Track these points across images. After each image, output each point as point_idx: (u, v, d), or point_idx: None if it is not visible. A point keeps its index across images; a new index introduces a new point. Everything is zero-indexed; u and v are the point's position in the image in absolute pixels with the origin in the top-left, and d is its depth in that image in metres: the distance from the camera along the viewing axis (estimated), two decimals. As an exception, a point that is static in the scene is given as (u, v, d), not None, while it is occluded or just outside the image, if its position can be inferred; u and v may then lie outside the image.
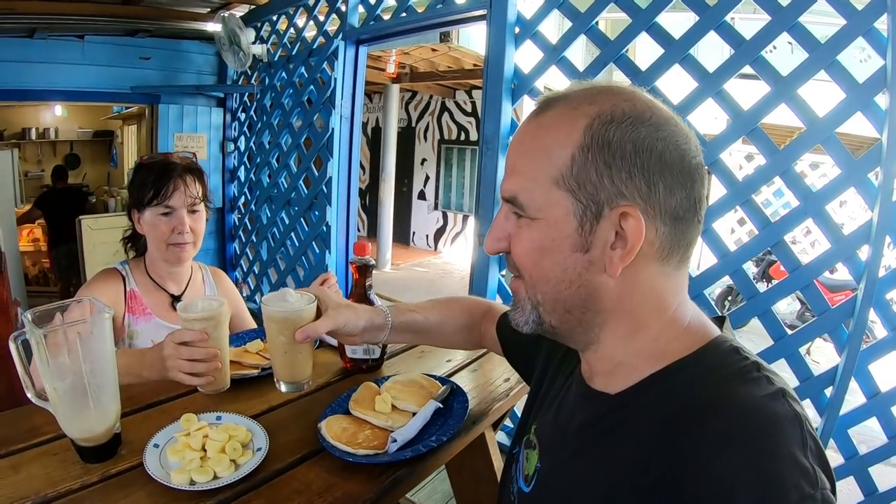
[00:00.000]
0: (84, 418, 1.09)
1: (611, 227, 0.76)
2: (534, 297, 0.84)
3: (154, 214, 1.82)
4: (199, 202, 1.89)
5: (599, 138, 0.75)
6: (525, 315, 0.86)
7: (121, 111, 9.92)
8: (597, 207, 0.76)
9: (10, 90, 4.78)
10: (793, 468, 0.61)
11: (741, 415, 0.66)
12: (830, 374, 2.29)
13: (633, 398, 0.80)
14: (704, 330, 0.82)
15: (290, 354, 1.24)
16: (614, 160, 0.74)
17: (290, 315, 1.20)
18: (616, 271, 0.77)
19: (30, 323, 1.03)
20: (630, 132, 0.74)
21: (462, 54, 8.07)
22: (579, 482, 0.81)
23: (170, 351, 1.39)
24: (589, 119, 0.76)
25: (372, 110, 13.46)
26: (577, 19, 2.81)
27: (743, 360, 0.75)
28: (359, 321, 1.24)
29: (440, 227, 13.32)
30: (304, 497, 1.05)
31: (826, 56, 2.14)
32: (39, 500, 1.00)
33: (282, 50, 4.88)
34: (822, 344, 6.07)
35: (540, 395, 1.07)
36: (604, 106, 0.76)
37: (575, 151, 0.76)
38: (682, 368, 0.77)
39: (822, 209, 2.24)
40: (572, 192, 0.76)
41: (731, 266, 2.47)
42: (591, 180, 0.75)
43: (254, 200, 5.34)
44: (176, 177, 1.83)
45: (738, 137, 2.42)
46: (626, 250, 0.76)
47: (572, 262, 0.79)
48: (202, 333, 1.37)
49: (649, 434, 0.73)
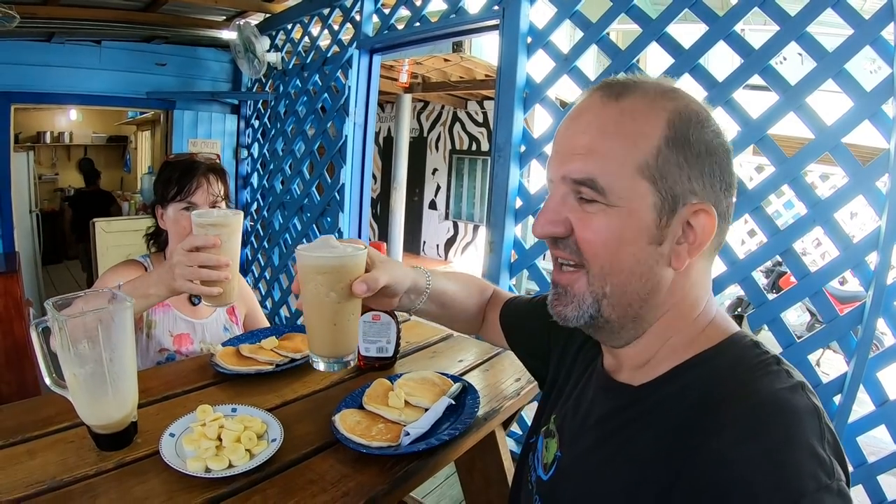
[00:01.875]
0: (102, 405, 1.11)
1: (680, 221, 0.78)
2: (601, 288, 0.82)
3: (177, 210, 1.85)
4: (221, 200, 1.93)
5: (681, 134, 0.76)
6: (580, 309, 0.84)
7: (135, 116, 10.03)
8: (674, 201, 0.77)
9: (28, 93, 4.86)
10: (811, 459, 0.61)
11: (761, 406, 0.67)
12: (839, 382, 2.28)
13: (655, 390, 0.81)
14: (727, 325, 0.83)
15: (337, 317, 1.06)
16: (691, 158, 0.76)
17: (342, 263, 1.03)
18: (682, 265, 0.79)
19: (52, 309, 1.04)
20: (702, 133, 0.77)
21: (474, 64, 8.07)
22: (600, 472, 0.82)
23: (180, 258, 1.39)
24: (669, 114, 0.77)
25: (384, 120, 13.49)
26: (589, 29, 2.83)
27: (763, 353, 0.76)
28: (405, 279, 1.16)
29: (451, 236, 13.31)
30: (317, 486, 1.07)
31: (834, 65, 2.15)
32: (55, 484, 1.02)
33: (296, 58, 4.92)
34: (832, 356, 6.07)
35: (558, 385, 1.07)
36: (679, 104, 0.78)
37: (661, 143, 0.76)
38: (704, 362, 0.78)
39: (831, 217, 2.24)
40: (654, 184, 0.77)
41: (741, 274, 2.47)
42: (672, 174, 0.76)
43: (266, 206, 5.37)
44: (199, 175, 1.87)
45: (748, 146, 2.43)
46: (694, 245, 0.78)
47: (646, 254, 0.79)
48: (216, 239, 1.39)
49: (670, 425, 0.74)
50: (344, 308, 1.05)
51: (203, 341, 1.96)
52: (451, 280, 1.32)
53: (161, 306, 1.88)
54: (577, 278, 0.84)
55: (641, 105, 0.78)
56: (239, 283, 1.81)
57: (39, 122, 10.79)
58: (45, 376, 1.13)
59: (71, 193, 10.48)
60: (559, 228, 0.83)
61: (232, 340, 1.80)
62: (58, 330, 1.04)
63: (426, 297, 1.23)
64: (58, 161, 11.31)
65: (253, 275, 5.63)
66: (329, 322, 1.06)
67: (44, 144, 10.87)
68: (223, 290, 1.48)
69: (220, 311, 2.04)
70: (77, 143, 11.41)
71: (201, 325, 1.98)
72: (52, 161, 11.20)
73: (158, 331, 1.88)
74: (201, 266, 1.43)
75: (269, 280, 5.35)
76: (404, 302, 1.21)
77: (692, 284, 0.82)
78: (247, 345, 1.70)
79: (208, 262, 1.42)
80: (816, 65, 2.19)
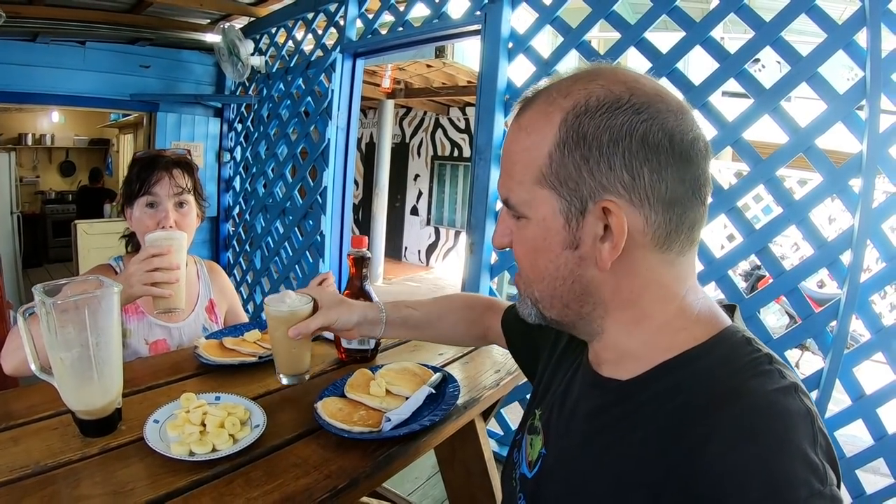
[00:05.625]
0: (87, 391, 1.13)
1: (597, 221, 0.74)
2: (531, 294, 0.86)
3: (140, 208, 1.81)
4: (187, 193, 1.87)
5: (574, 132, 0.73)
6: (527, 308, 0.88)
7: (118, 119, 9.98)
8: (581, 203, 0.75)
9: (11, 92, 4.83)
10: (803, 464, 0.60)
11: (752, 408, 0.65)
12: (815, 378, 2.34)
13: (643, 388, 0.78)
14: (715, 319, 0.80)
15: (288, 349, 1.34)
16: (591, 152, 0.73)
17: (288, 314, 1.30)
18: (605, 265, 0.76)
19: (41, 293, 1.06)
20: (605, 120, 0.72)
21: (456, 70, 8.11)
22: (586, 471, 0.81)
23: (136, 266, 1.53)
24: (564, 113, 0.75)
25: (366, 125, 13.44)
26: (569, 35, 2.89)
27: (755, 351, 0.73)
28: (352, 316, 1.31)
29: (432, 242, 13.29)
30: (300, 470, 1.09)
31: (808, 69, 2.22)
32: (39, 469, 1.03)
33: (280, 62, 4.95)
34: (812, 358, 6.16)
35: (544, 382, 1.07)
36: (577, 97, 0.74)
37: (552, 148, 0.75)
38: (694, 359, 0.75)
39: (806, 216, 2.30)
40: (555, 190, 0.76)
41: (717, 272, 2.53)
42: (572, 176, 0.74)
43: (248, 210, 5.39)
44: (161, 168, 1.81)
45: (724, 148, 2.50)
46: (612, 243, 0.74)
47: (563, 259, 0.78)
48: (168, 247, 1.59)
49: (658, 426, 0.72)
50: (296, 342, 1.31)
51: (181, 346, 1.90)
52: (420, 305, 1.44)
53: (136, 314, 1.84)
54: (519, 281, 0.90)
55: (535, 115, 0.79)
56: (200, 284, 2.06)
57: (21, 124, 10.74)
58: (31, 362, 1.14)
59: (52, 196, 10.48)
60: (505, 240, 0.87)
61: (215, 334, 1.80)
62: (45, 314, 1.05)
63: (383, 327, 1.36)
64: (39, 163, 11.24)
65: (235, 278, 5.62)
66: (287, 351, 1.36)
67: (25, 146, 10.80)
68: (174, 293, 1.61)
69: (198, 311, 1.99)
70: (59, 145, 11.35)
71: (178, 329, 1.92)
72: (34, 163, 11.12)
73: (134, 339, 1.83)
74: (155, 270, 1.56)
75: (250, 283, 5.37)
76: (363, 332, 1.36)
77: (645, 279, 0.78)
78: (230, 337, 1.72)
79: (161, 265, 1.56)
80: (791, 68, 2.26)
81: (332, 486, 1.04)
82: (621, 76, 0.76)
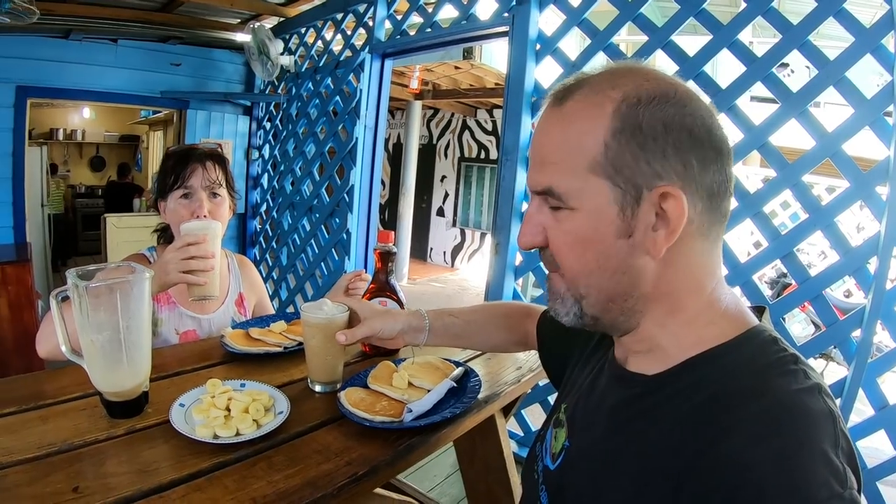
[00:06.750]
0: (116, 373, 1.16)
1: (651, 208, 0.75)
2: (576, 291, 0.83)
3: (175, 199, 1.85)
4: (220, 187, 1.91)
5: (630, 121, 0.74)
6: (566, 307, 0.85)
7: (148, 116, 10.11)
8: (636, 191, 0.75)
9: (45, 88, 4.92)
10: (824, 466, 0.59)
11: (774, 407, 0.65)
12: (838, 386, 2.29)
13: (668, 382, 0.78)
14: (743, 317, 0.80)
15: (323, 357, 1.38)
16: (647, 141, 0.74)
17: (325, 322, 1.34)
18: (660, 252, 0.76)
19: (75, 277, 1.09)
20: (658, 111, 0.74)
21: (484, 72, 8.11)
22: (608, 462, 0.80)
23: (172, 254, 1.57)
24: (615, 103, 0.75)
25: (394, 126, 13.49)
26: (596, 37, 2.89)
27: (781, 350, 0.73)
28: (396, 324, 1.33)
29: (458, 243, 13.28)
30: (322, 456, 1.10)
31: (835, 73, 2.19)
32: (66, 447, 1.06)
33: (309, 61, 5.01)
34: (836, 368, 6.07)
35: (572, 378, 1.07)
36: (627, 88, 0.76)
37: (607, 137, 0.75)
38: (720, 356, 0.75)
39: (832, 221, 2.27)
40: (610, 178, 0.75)
41: (742, 277, 2.50)
42: (628, 164, 0.74)
43: (276, 207, 5.44)
44: (195, 160, 1.86)
45: (750, 151, 2.48)
46: (668, 230, 0.75)
47: (616, 248, 0.77)
48: (204, 236, 1.62)
49: (682, 419, 0.72)
50: (331, 350, 1.36)
51: (210, 336, 1.93)
52: (461, 313, 1.44)
53: (167, 304, 1.88)
54: (558, 280, 0.86)
55: (583, 103, 0.78)
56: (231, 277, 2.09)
57: (52, 119, 10.91)
58: (62, 344, 1.18)
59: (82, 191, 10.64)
60: (538, 238, 0.85)
61: (242, 324, 1.83)
62: (78, 297, 1.09)
63: (427, 334, 1.38)
64: (69, 158, 11.42)
65: (261, 274, 5.60)
66: (322, 359, 1.38)
67: (56, 141, 10.97)
68: (208, 280, 1.64)
69: (228, 304, 2.03)
70: (89, 140, 11.53)
71: (207, 319, 1.96)
72: (64, 158, 11.30)
73: (164, 329, 1.87)
74: (191, 258, 1.59)
75: (276, 280, 5.42)
76: (408, 340, 1.37)
77: (684, 269, 0.79)
78: (256, 328, 1.74)
79: (197, 253, 1.59)
80: (818, 73, 2.23)
81: (353, 473, 1.06)
82: (660, 74, 0.79)
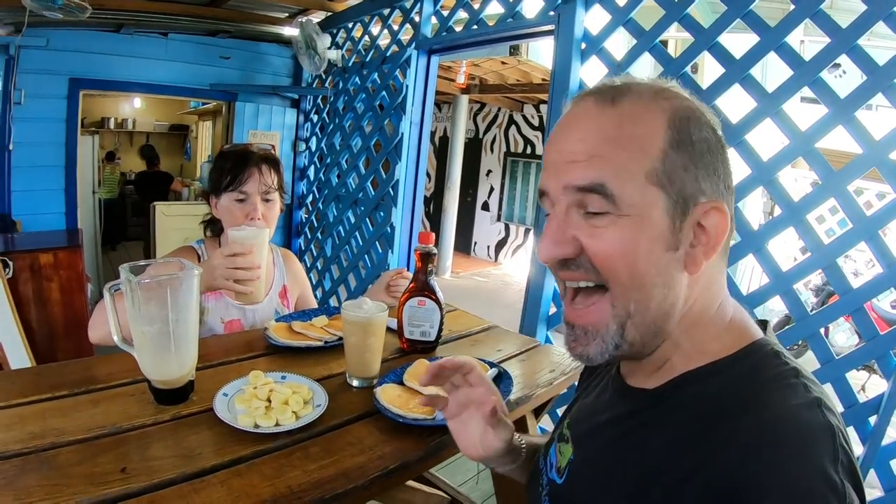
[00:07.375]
0: (165, 363, 1.22)
1: (692, 224, 0.74)
2: (625, 308, 0.76)
3: (230, 200, 1.91)
4: (273, 191, 1.97)
5: (684, 135, 0.74)
6: (604, 343, 0.78)
7: (197, 107, 10.31)
8: (684, 204, 0.74)
9: (97, 80, 5.08)
10: (821, 482, 0.58)
11: (772, 422, 0.64)
12: (875, 402, 2.23)
13: (669, 394, 0.78)
14: (747, 331, 0.79)
15: (361, 353, 1.44)
16: (695, 157, 0.74)
17: (365, 320, 1.41)
18: (699, 268, 0.75)
19: (127, 272, 1.17)
20: (700, 130, 0.75)
21: (531, 68, 8.07)
22: (609, 472, 0.80)
23: (220, 260, 1.64)
24: (669, 114, 0.74)
25: (440, 120, 13.47)
26: (642, 37, 2.85)
27: (782, 364, 0.72)
28: None
29: (502, 238, 13.22)
30: (356, 448, 1.15)
31: (884, 79, 2.12)
32: (115, 430, 1.13)
33: (356, 56, 5.04)
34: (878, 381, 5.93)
35: (577, 397, 1.08)
36: (675, 102, 0.75)
37: (665, 146, 0.73)
38: (721, 369, 0.75)
39: (876, 232, 2.19)
40: (663, 188, 0.73)
41: (783, 286, 2.45)
42: (680, 176, 0.73)
43: (321, 199, 5.52)
44: (252, 165, 1.91)
45: (795, 158, 2.42)
46: (708, 246, 0.75)
47: (665, 262, 0.74)
48: (251, 246, 1.69)
49: (681, 431, 0.71)
50: (370, 347, 1.44)
51: (254, 326, 2.00)
52: None
53: (214, 294, 1.94)
54: (596, 308, 0.78)
55: (639, 107, 0.75)
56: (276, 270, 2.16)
57: (104, 109, 11.22)
58: (114, 334, 1.25)
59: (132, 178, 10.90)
60: (567, 248, 0.77)
61: (285, 317, 1.88)
62: (130, 291, 1.16)
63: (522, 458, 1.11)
64: (120, 146, 11.71)
65: (305, 264, 5.74)
66: (360, 355, 1.44)
67: (107, 130, 11.28)
68: (253, 289, 1.72)
69: (272, 296, 2.09)
70: (140, 129, 11.83)
71: (252, 310, 2.02)
72: (115, 146, 11.56)
73: (211, 317, 1.94)
74: (237, 268, 1.66)
75: (320, 270, 5.49)
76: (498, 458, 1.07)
77: (705, 287, 0.78)
78: (299, 322, 1.80)
79: (244, 265, 1.67)
80: (866, 79, 2.17)
81: (385, 467, 1.10)
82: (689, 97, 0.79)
